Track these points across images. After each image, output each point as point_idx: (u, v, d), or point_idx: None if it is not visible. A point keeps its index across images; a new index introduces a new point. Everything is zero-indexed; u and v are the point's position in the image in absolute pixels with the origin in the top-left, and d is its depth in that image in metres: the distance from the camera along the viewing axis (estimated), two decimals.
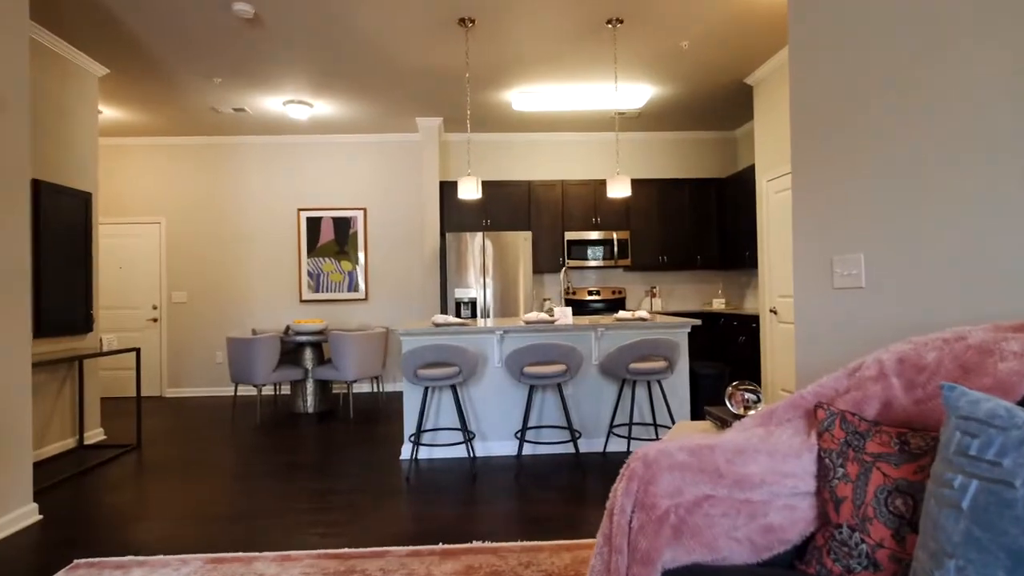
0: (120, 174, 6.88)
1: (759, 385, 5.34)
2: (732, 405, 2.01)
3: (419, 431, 3.82)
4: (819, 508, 1.39)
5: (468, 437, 3.97)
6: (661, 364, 3.78)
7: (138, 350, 4.54)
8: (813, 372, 2.38)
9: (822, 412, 1.45)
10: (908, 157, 1.86)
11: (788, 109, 4.92)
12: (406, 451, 4.04)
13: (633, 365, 3.76)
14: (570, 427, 3.83)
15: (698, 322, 4.14)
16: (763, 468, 1.42)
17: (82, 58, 4.61)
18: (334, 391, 6.75)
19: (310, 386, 5.67)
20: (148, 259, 6.86)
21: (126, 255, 6.85)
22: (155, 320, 6.84)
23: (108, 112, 5.95)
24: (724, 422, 2.00)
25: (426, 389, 3.80)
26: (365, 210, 6.98)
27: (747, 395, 1.99)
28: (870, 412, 1.45)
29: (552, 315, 4.30)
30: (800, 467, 1.42)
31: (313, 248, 6.95)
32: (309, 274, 6.94)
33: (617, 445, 4.11)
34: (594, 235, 6.65)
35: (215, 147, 6.93)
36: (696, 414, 4.26)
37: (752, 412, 1.95)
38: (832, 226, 2.23)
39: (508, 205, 6.64)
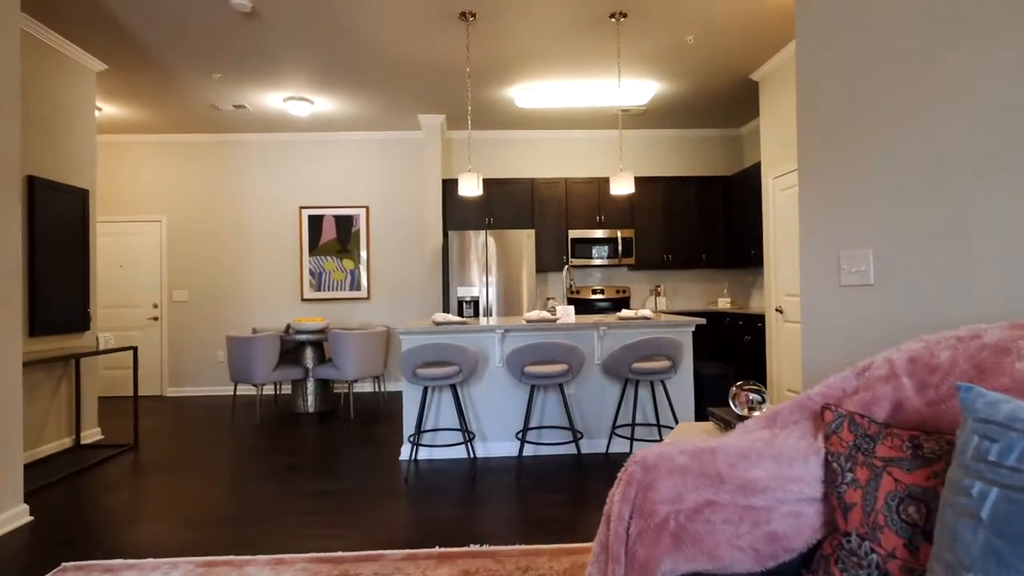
0: (121, 172, 6.86)
1: (764, 386, 5.26)
2: (736, 406, 1.94)
3: (418, 431, 3.77)
4: (826, 515, 1.32)
5: (468, 438, 3.90)
6: (664, 364, 3.70)
7: (135, 349, 4.50)
8: (820, 372, 2.31)
9: (829, 414, 1.38)
10: (918, 151, 1.78)
11: (795, 105, 4.83)
12: (405, 451, 3.98)
13: (636, 365, 3.69)
14: (572, 428, 3.77)
15: (702, 321, 4.07)
16: (767, 473, 1.35)
17: (79, 53, 4.58)
18: (335, 391, 6.70)
19: (311, 385, 5.63)
20: (149, 257, 6.84)
21: (127, 253, 6.83)
22: (156, 319, 6.81)
23: (108, 109, 5.93)
24: (728, 423, 1.93)
25: (425, 389, 3.75)
26: (367, 208, 6.93)
27: (751, 395, 1.91)
28: (880, 414, 1.38)
29: (554, 314, 4.24)
30: (806, 472, 1.35)
31: (315, 246, 6.91)
32: (311, 272, 6.90)
33: (620, 446, 4.04)
34: (598, 233, 6.58)
35: (216, 145, 6.90)
36: (700, 415, 4.19)
37: (757, 413, 1.88)
38: (839, 222, 2.15)
39: (511, 203, 6.58)
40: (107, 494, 3.42)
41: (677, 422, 3.87)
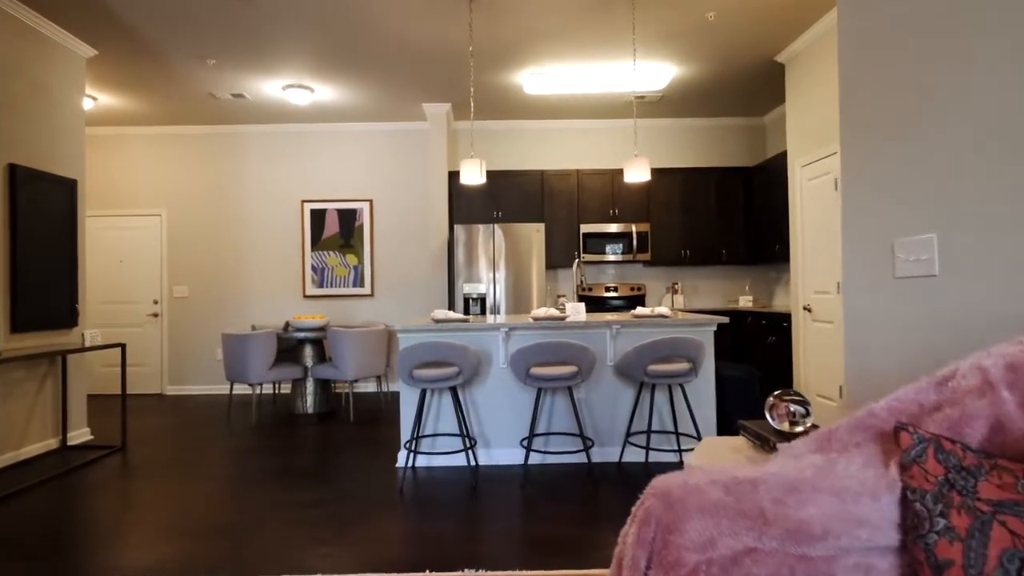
0: (120, 165, 6.68)
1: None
2: (774, 419, 1.63)
3: (414, 437, 3.49)
4: (905, 570, 1.02)
5: (469, 444, 3.62)
6: (684, 366, 3.39)
7: (123, 346, 4.29)
8: (868, 378, 1.99)
9: (907, 437, 1.07)
10: (998, 115, 1.46)
11: (826, 89, 4.47)
12: (402, 458, 3.71)
13: (652, 367, 3.38)
14: (582, 435, 3.47)
15: (725, 319, 3.74)
16: (825, 512, 1.05)
17: (67, 38, 4.37)
18: (336, 390, 6.46)
19: (310, 385, 5.39)
20: (148, 252, 6.66)
21: (126, 248, 6.66)
22: (156, 315, 6.63)
23: (104, 99, 5.73)
24: (764, 441, 1.62)
25: (424, 391, 3.47)
26: (371, 202, 6.68)
27: (793, 407, 1.60)
28: (974, 437, 1.07)
29: (563, 311, 3.94)
30: (877, 512, 1.04)
31: (317, 241, 6.68)
32: (313, 268, 6.67)
33: (634, 455, 3.73)
34: (612, 228, 6.26)
35: (216, 136, 6.70)
36: (722, 421, 3.85)
37: (799, 429, 1.57)
38: (895, 202, 1.83)
39: (520, 195, 6.28)
40: (82, 501, 3.19)
41: (697, 430, 3.55)
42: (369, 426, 4.90)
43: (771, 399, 1.69)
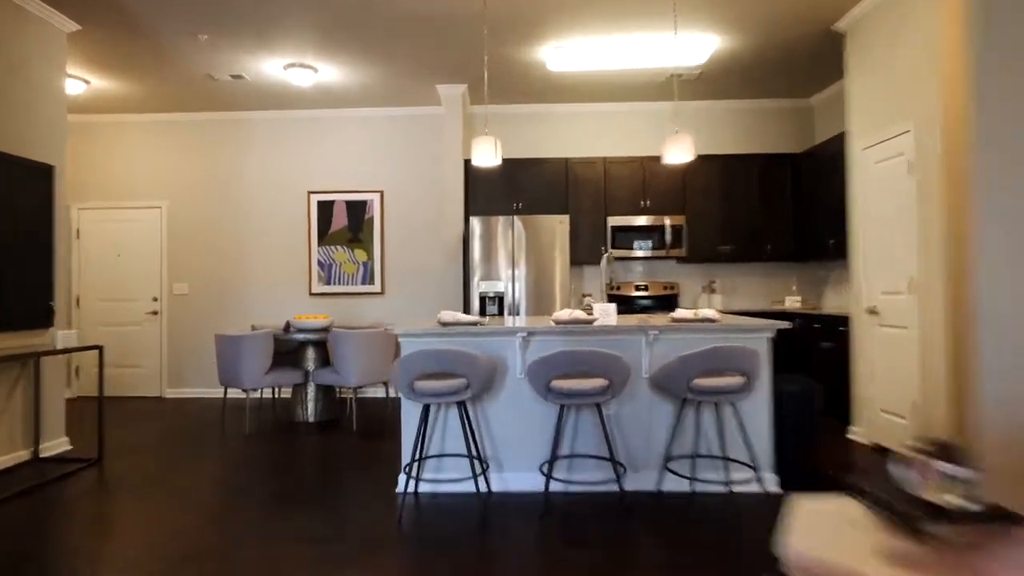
0: (118, 154, 6.33)
1: (848, 401, 4.29)
2: (915, 482, 1.08)
3: (415, 460, 3.00)
4: None
5: (481, 469, 3.12)
6: (737, 380, 2.83)
7: (100, 348, 3.89)
8: (1017, 404, 1.43)
9: None
10: None
11: (895, 57, 3.85)
12: (403, 483, 3.21)
13: (698, 381, 2.83)
14: (612, 459, 2.94)
15: (785, 324, 3.16)
16: None
17: (45, 10, 3.97)
18: (341, 395, 6.01)
19: (311, 391, 4.95)
20: (148, 247, 6.30)
21: (124, 242, 6.31)
22: (155, 313, 6.27)
23: (97, 83, 5.37)
24: (909, 520, 1.06)
25: (426, 406, 2.97)
26: (382, 193, 6.22)
27: (947, 469, 1.05)
28: None
29: (590, 313, 3.40)
30: None
31: (324, 235, 6.24)
32: (320, 264, 6.24)
33: (675, 484, 3.17)
34: (642, 220, 5.70)
35: (217, 124, 6.31)
36: (780, 445, 3.24)
37: (973, 507, 1.01)
38: None
39: (542, 185, 5.76)
40: (34, 531, 2.77)
41: (752, 456, 2.98)
42: (372, 438, 4.43)
43: (906, 451, 1.14)
